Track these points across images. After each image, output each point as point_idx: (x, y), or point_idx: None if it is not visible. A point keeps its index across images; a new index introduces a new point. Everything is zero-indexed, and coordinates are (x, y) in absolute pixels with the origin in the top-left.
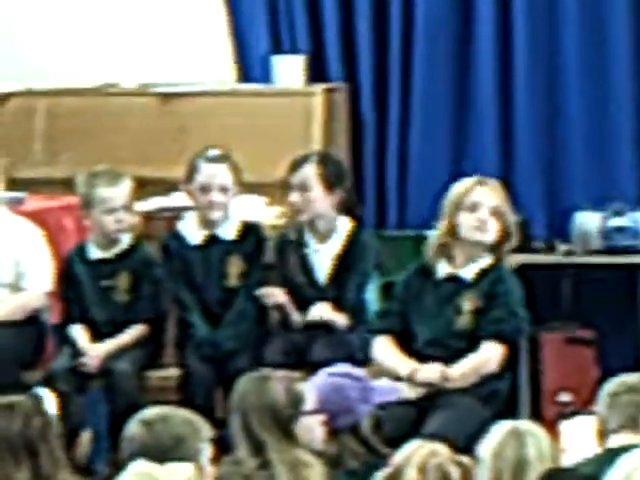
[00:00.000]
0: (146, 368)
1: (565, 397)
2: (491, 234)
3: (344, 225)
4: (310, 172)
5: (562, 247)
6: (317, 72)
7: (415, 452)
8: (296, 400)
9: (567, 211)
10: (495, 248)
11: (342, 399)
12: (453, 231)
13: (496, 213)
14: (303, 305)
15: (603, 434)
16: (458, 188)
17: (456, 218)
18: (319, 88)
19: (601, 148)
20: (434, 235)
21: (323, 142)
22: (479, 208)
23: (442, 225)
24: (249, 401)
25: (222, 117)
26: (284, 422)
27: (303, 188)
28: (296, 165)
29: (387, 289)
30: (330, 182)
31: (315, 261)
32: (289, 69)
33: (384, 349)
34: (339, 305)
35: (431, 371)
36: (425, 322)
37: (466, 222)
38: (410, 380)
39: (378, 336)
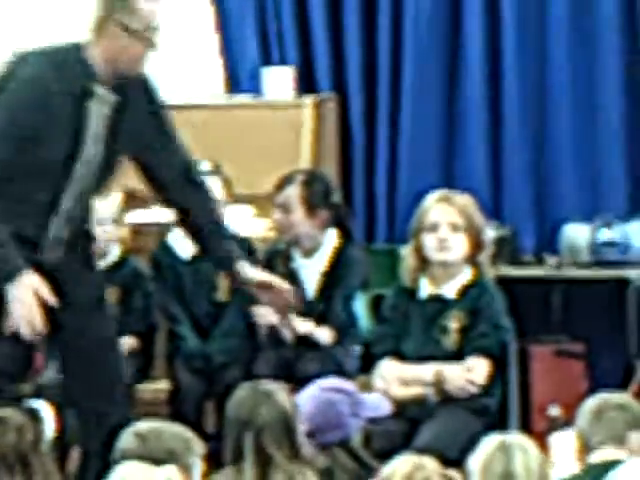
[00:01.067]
0: (136, 381)
1: (555, 410)
2: (455, 252)
3: (331, 240)
4: (292, 194)
5: (551, 260)
6: (307, 84)
7: (402, 466)
8: (298, 412)
9: (556, 224)
10: (471, 261)
11: (333, 413)
12: (421, 252)
13: (459, 228)
14: None
15: (584, 449)
16: (420, 209)
17: (420, 239)
18: (308, 99)
19: (590, 160)
20: (404, 258)
21: (312, 153)
22: (438, 227)
23: (409, 247)
24: (262, 415)
25: (212, 129)
26: (294, 433)
27: (285, 209)
28: (281, 184)
29: (376, 303)
30: (313, 204)
31: (302, 276)
32: (278, 80)
33: (395, 367)
34: (327, 319)
35: (458, 377)
36: (413, 343)
37: (428, 243)
38: (436, 385)
39: (383, 359)
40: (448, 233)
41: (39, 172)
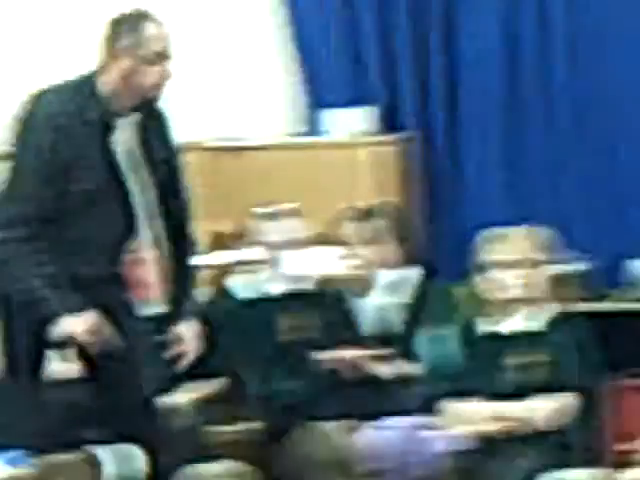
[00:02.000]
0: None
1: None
2: (513, 290)
3: (413, 276)
4: (383, 226)
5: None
6: (390, 123)
7: None
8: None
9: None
10: (539, 296)
11: (413, 451)
12: (480, 290)
13: (516, 265)
14: None
15: None
16: (475, 247)
17: (479, 278)
18: (392, 138)
19: None
20: (464, 297)
21: (397, 192)
22: (493, 266)
23: (469, 286)
24: (322, 457)
25: (292, 169)
26: (351, 473)
27: (374, 242)
28: (364, 217)
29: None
30: (400, 235)
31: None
32: (361, 120)
33: (459, 405)
34: (405, 357)
35: (517, 411)
36: (477, 380)
37: (482, 282)
38: (497, 419)
39: (446, 398)
40: (504, 272)
41: (74, 206)
